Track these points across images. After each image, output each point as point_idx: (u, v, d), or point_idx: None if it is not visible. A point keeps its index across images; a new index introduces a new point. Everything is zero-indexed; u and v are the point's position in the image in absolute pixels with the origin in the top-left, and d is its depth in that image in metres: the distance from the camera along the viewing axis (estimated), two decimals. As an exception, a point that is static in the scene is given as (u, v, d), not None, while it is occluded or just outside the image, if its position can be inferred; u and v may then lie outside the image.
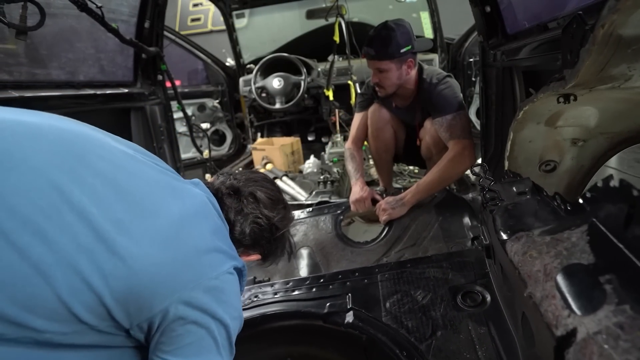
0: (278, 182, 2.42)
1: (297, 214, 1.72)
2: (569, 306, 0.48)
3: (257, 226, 0.81)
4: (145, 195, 0.64)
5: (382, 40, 1.57)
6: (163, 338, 0.62)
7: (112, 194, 0.61)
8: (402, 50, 1.57)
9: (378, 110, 1.88)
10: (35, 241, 0.53)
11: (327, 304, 1.01)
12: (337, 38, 2.83)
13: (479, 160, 1.77)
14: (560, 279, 0.53)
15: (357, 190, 1.69)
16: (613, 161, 1.03)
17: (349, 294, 1.03)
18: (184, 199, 0.69)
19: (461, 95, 1.64)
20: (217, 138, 3.51)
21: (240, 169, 2.93)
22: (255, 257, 0.88)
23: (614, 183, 0.54)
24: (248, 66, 3.48)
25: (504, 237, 0.74)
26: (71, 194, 0.57)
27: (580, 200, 0.63)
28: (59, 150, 0.61)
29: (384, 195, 1.68)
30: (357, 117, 1.98)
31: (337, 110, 3.04)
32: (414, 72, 1.68)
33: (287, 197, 2.26)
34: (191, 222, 0.67)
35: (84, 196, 0.58)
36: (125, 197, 0.62)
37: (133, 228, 0.60)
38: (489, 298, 0.90)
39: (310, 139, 3.58)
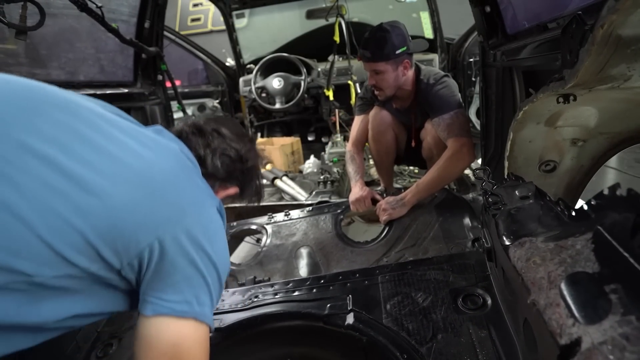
0: (278, 182, 2.42)
1: (297, 213, 1.72)
2: (573, 315, 0.48)
3: (228, 157, 0.82)
4: (112, 140, 0.63)
5: (377, 42, 1.57)
6: (153, 276, 0.62)
7: (75, 140, 0.60)
8: (397, 52, 1.57)
9: (379, 114, 1.88)
10: (4, 187, 0.53)
11: (328, 305, 1.01)
12: (337, 38, 2.83)
13: (479, 161, 1.77)
14: (564, 286, 0.53)
15: (357, 190, 1.69)
16: (613, 161, 1.03)
17: (350, 296, 1.03)
18: (151, 146, 0.69)
19: (459, 94, 1.64)
20: (217, 138, 3.51)
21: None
22: (233, 190, 0.88)
23: (620, 191, 0.53)
24: (248, 66, 3.48)
25: (507, 242, 0.74)
26: (32, 143, 0.56)
27: (585, 207, 0.62)
28: (11, 103, 0.60)
29: (384, 195, 1.68)
30: (357, 120, 1.98)
31: (337, 110, 3.04)
32: (411, 73, 1.68)
33: (287, 197, 2.27)
34: (164, 165, 0.67)
35: (45, 144, 0.57)
36: (90, 142, 0.61)
37: (103, 169, 0.60)
38: (489, 301, 0.90)
39: (310, 139, 3.58)
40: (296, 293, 1.10)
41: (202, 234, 0.66)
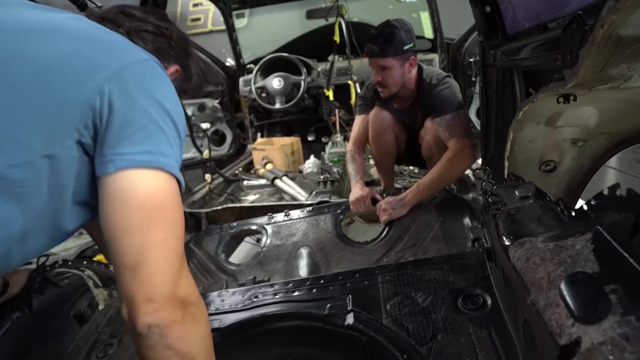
0: (278, 182, 2.42)
1: (297, 213, 1.72)
2: (573, 315, 0.48)
3: (147, 33, 0.76)
4: (7, 12, 0.58)
5: (385, 37, 1.58)
6: (105, 135, 0.58)
7: None
8: (405, 47, 1.58)
9: (379, 114, 1.88)
10: None
11: (328, 305, 1.01)
12: (337, 38, 2.83)
13: (479, 161, 1.77)
14: (564, 287, 0.53)
15: (357, 190, 1.69)
16: (613, 161, 1.03)
17: (350, 296, 1.03)
18: (59, 12, 0.63)
19: (460, 95, 1.64)
20: (217, 138, 3.51)
21: (240, 169, 2.93)
22: (173, 68, 0.82)
23: (619, 191, 0.53)
24: (248, 66, 3.48)
25: (507, 242, 0.74)
26: None
27: (585, 207, 0.62)
28: None
29: (384, 195, 1.68)
30: (358, 120, 1.98)
31: (337, 110, 3.04)
32: (414, 72, 1.68)
33: (287, 197, 2.27)
34: (77, 23, 0.62)
35: None
36: None
37: (9, 33, 0.55)
38: (489, 301, 0.90)
39: (310, 139, 3.58)
40: (296, 293, 1.10)
41: (148, 82, 0.62)
